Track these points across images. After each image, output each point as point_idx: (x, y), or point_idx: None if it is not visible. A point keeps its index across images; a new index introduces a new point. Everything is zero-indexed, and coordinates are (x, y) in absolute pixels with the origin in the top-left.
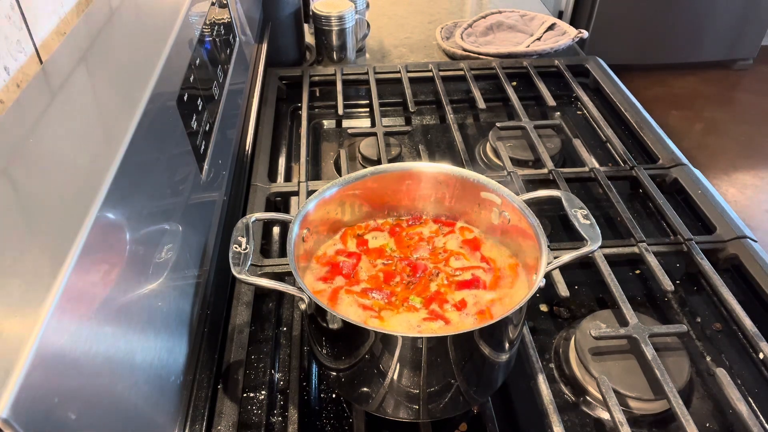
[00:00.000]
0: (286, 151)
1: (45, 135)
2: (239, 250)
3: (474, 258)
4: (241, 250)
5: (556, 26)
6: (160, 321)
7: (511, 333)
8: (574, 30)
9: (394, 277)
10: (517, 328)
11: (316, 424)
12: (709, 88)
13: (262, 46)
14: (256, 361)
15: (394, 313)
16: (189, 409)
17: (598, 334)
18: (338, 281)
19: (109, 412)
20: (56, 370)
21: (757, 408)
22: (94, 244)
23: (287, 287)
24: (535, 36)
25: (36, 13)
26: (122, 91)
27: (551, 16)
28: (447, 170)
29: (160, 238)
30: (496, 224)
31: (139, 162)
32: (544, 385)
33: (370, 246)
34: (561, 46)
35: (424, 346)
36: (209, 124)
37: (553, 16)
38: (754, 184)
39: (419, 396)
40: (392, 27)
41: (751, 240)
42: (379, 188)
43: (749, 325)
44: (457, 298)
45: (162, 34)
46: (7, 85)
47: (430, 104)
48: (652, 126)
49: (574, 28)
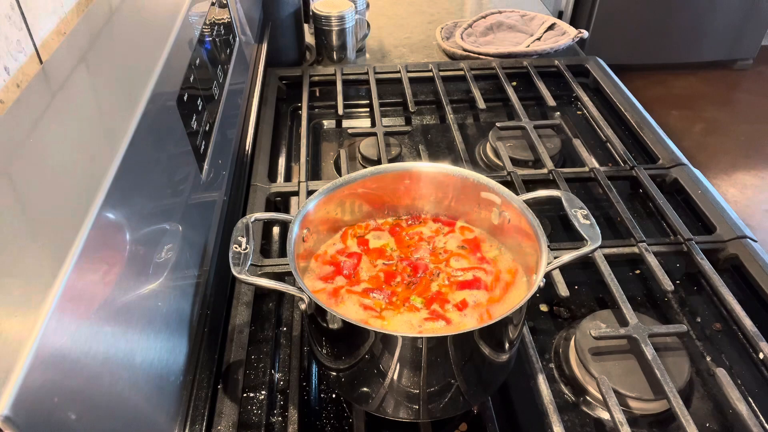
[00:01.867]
0: (286, 151)
1: (45, 135)
2: (239, 250)
3: (474, 258)
4: (241, 250)
5: (556, 26)
6: (160, 321)
7: (511, 333)
8: (574, 30)
9: (395, 277)
10: (517, 328)
11: (316, 424)
12: (709, 88)
13: (262, 46)
14: (256, 361)
15: (396, 313)
16: (189, 409)
17: (598, 334)
18: (339, 281)
19: (109, 412)
20: (56, 370)
21: (757, 408)
22: (94, 244)
23: (287, 287)
24: (535, 36)
25: (36, 13)
26: (122, 91)
27: (551, 16)
28: (447, 170)
29: (160, 238)
30: (496, 224)
31: (139, 162)
32: (544, 385)
33: (370, 246)
34: (561, 46)
35: (424, 346)
36: (209, 124)
37: (553, 16)
38: (754, 184)
39: (419, 396)
40: (392, 27)
41: (751, 240)
42: (379, 188)
43: (749, 325)
44: (458, 298)
45: (162, 34)
46: (7, 85)
47: (430, 104)
48: (652, 126)
49: (574, 28)
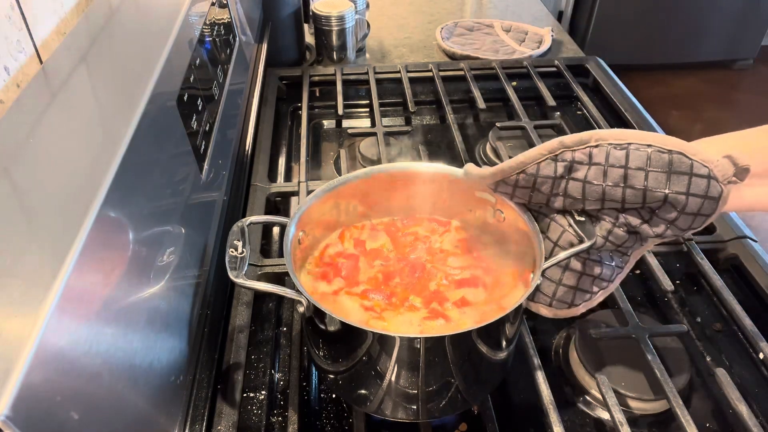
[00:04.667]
0: (286, 151)
1: (45, 135)
2: (235, 254)
3: (470, 257)
4: (238, 254)
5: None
6: (160, 321)
7: (509, 331)
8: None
9: (394, 277)
10: (514, 326)
11: (316, 424)
12: (709, 88)
13: (262, 46)
14: (256, 362)
15: (396, 313)
16: (189, 409)
17: (598, 334)
18: (337, 283)
19: (109, 412)
20: (56, 370)
21: (757, 408)
22: (94, 244)
23: (285, 290)
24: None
25: (36, 13)
26: (122, 91)
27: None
28: (442, 170)
29: (160, 238)
30: (491, 222)
31: (139, 162)
32: (544, 385)
33: (367, 247)
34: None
35: (421, 346)
36: (209, 124)
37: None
38: None
39: (418, 396)
40: (392, 27)
41: (751, 240)
42: (374, 188)
43: (749, 325)
44: (456, 296)
45: (162, 34)
46: (7, 85)
47: (430, 104)
48: (652, 126)
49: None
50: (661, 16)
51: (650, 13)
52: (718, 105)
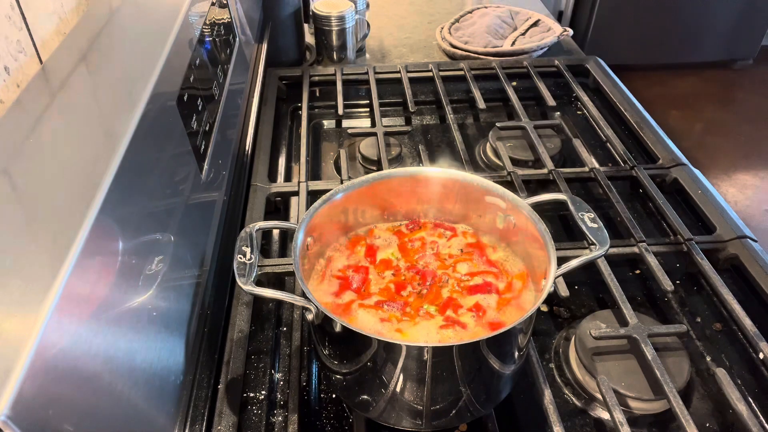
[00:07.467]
0: (286, 151)
1: (45, 135)
2: (244, 260)
3: (480, 262)
4: (246, 261)
5: (541, 23)
6: (160, 321)
7: (520, 341)
8: (560, 27)
9: (405, 287)
10: (526, 336)
11: (316, 424)
12: (709, 88)
13: (262, 46)
14: (256, 361)
15: (412, 324)
16: (189, 409)
17: (598, 334)
18: (349, 295)
19: (109, 412)
20: (56, 370)
21: (757, 408)
22: (94, 244)
23: (295, 298)
24: (519, 31)
25: (36, 13)
26: (122, 91)
27: (537, 13)
28: (452, 175)
29: (160, 238)
30: (501, 228)
31: (139, 162)
32: (544, 385)
33: (377, 257)
34: (546, 44)
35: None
36: (209, 124)
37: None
38: (754, 184)
39: (423, 407)
40: (392, 27)
41: (751, 240)
42: (383, 193)
43: (749, 325)
44: (470, 303)
45: (162, 34)
46: (7, 85)
47: (430, 104)
48: (652, 126)
49: (560, 26)
50: (661, 16)
51: (650, 13)
52: (718, 105)
